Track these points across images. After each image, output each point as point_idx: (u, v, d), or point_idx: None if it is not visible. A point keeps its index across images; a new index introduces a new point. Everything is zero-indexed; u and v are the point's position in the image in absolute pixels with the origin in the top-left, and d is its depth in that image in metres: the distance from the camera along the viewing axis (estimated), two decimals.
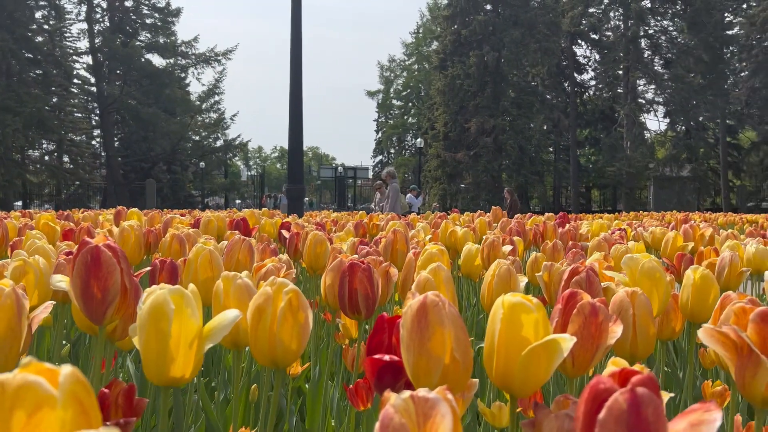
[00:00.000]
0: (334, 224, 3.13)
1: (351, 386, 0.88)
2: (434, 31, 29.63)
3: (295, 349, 0.65)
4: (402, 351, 0.58)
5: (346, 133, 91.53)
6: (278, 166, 56.31)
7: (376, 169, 35.25)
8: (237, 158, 35.31)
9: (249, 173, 42.26)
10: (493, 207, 2.83)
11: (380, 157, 35.88)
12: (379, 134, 35.49)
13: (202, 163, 26.51)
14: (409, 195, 9.96)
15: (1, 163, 20.63)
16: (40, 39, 22.35)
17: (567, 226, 2.33)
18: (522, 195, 24.94)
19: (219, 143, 27.93)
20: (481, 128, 23.29)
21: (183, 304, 0.57)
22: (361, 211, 3.67)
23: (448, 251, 1.65)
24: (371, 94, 35.78)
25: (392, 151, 35.53)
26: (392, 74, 35.53)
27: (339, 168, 32.51)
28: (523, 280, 1.06)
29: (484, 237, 1.64)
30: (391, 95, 35.38)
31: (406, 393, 0.36)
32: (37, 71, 22.12)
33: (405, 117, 35.13)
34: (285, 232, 2.07)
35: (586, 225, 2.45)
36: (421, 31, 34.14)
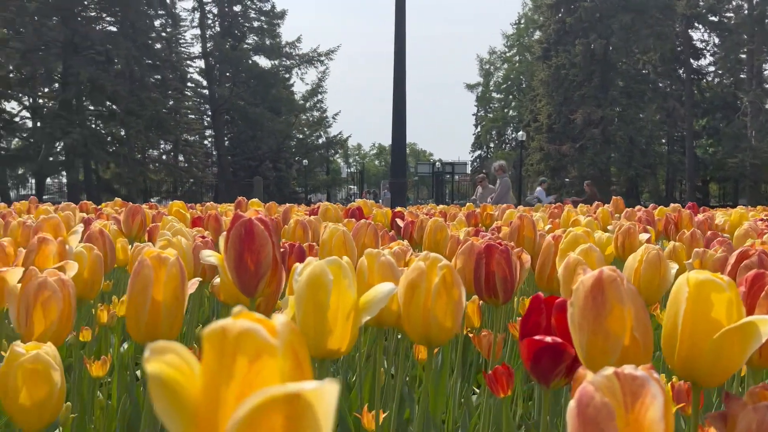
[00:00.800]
0: (442, 215, 3.11)
1: (489, 372, 0.85)
2: (536, 21, 28.77)
3: (449, 327, 0.62)
4: (572, 331, 0.54)
5: (443, 128, 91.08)
6: (376, 162, 57.08)
7: (475, 164, 34.80)
8: (337, 155, 36.11)
9: (348, 170, 43.14)
10: (614, 197, 2.69)
11: (479, 152, 35.38)
12: (478, 128, 34.98)
13: (305, 161, 27.33)
14: (538, 189, 9.57)
15: (126, 162, 22.34)
16: (158, 46, 23.95)
17: (699, 216, 2.17)
18: (632, 189, 23.71)
19: (321, 141, 28.68)
20: (587, 119, 22.35)
21: (341, 275, 0.56)
22: (468, 204, 3.62)
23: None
24: (470, 87, 35.31)
25: (491, 145, 34.92)
26: (492, 66, 34.88)
27: (436, 163, 32.38)
28: (674, 266, 0.97)
29: (616, 225, 1.55)
30: (491, 88, 34.75)
31: (609, 369, 0.32)
32: (156, 76, 23.71)
33: (505, 110, 34.40)
34: (399, 221, 2.07)
35: (721, 215, 2.26)
36: (522, 21, 33.27)
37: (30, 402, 0.64)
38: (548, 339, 0.58)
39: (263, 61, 26.74)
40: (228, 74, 26.26)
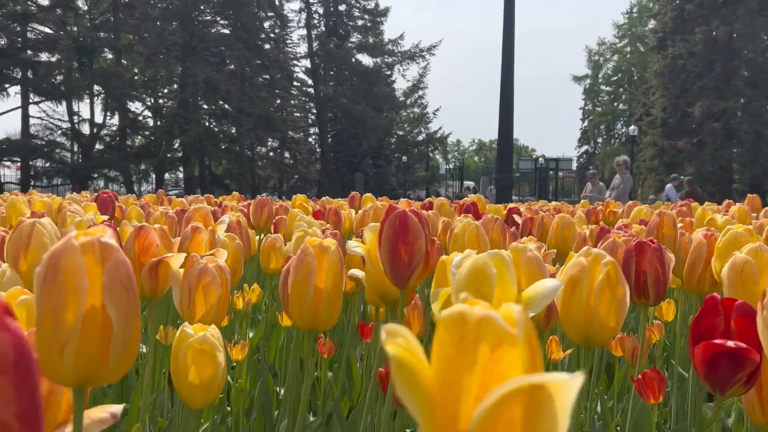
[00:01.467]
0: (556, 212, 3.01)
1: (638, 377, 0.80)
2: (651, 9, 27.21)
3: (613, 327, 0.60)
4: (764, 337, 0.50)
5: (547, 123, 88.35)
6: (476, 159, 56.50)
7: (581, 160, 33.52)
8: (437, 151, 36.04)
9: (447, 166, 42.94)
10: (749, 195, 2.48)
11: (585, 147, 34.05)
12: (585, 123, 33.66)
13: (404, 157, 27.53)
14: (669, 186, 8.95)
15: (236, 159, 23.53)
16: (267, 47, 24.99)
17: None
18: (756, 187, 21.88)
19: (421, 137, 28.75)
20: (707, 112, 20.85)
21: (504, 269, 0.55)
22: (583, 201, 3.48)
23: None
24: (578, 79, 33.99)
25: (599, 140, 33.50)
26: (601, 58, 33.37)
27: (540, 159, 31.53)
28: None
29: (756, 225, 1.43)
30: (600, 81, 33.28)
31: None
32: (264, 76, 24.76)
33: (615, 103, 32.84)
34: (517, 217, 2.02)
35: None
36: (635, 10, 31.59)
37: (198, 380, 0.68)
38: (730, 344, 0.53)
39: (366, 59, 27.18)
40: (332, 73, 26.91)
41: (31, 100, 22.26)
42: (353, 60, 26.47)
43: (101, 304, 0.38)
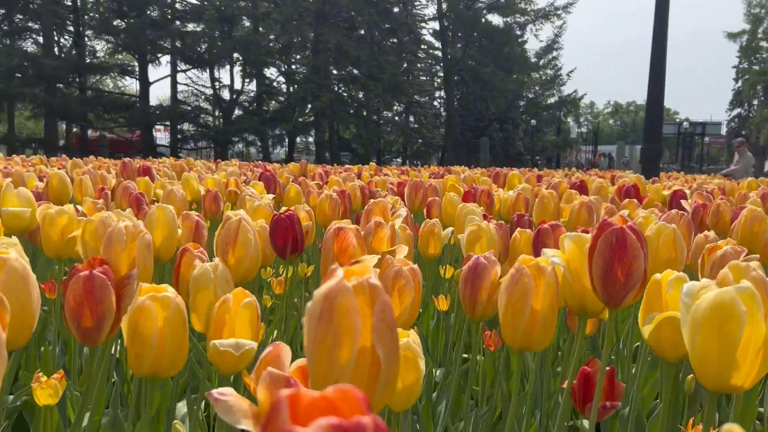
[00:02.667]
0: (721, 192, 2.76)
1: None
2: None
3: None
4: None
5: (691, 84, 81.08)
6: (611, 122, 53.41)
7: (732, 124, 30.56)
8: (569, 115, 34.41)
9: (579, 130, 40.95)
10: None
11: (738, 111, 30.91)
12: (739, 83, 30.46)
13: (533, 121, 26.58)
14: None
15: (364, 124, 23.97)
16: (396, 10, 24.94)
17: None
18: None
19: (552, 100, 27.55)
20: None
21: (754, 306, 0.51)
22: (749, 179, 3.16)
23: None
24: (732, 36, 30.71)
25: (755, 102, 30.20)
26: (762, 10, 29.78)
27: (684, 123, 29.13)
28: None
29: None
30: (759, 36, 29.80)
31: None
32: (392, 40, 24.81)
33: None
34: (685, 203, 1.87)
35: None
36: None
37: (401, 386, 0.70)
38: None
39: (496, 19, 26.33)
40: (460, 34, 26.36)
41: (178, 69, 24.02)
42: (483, 20, 25.72)
43: (371, 344, 0.39)
